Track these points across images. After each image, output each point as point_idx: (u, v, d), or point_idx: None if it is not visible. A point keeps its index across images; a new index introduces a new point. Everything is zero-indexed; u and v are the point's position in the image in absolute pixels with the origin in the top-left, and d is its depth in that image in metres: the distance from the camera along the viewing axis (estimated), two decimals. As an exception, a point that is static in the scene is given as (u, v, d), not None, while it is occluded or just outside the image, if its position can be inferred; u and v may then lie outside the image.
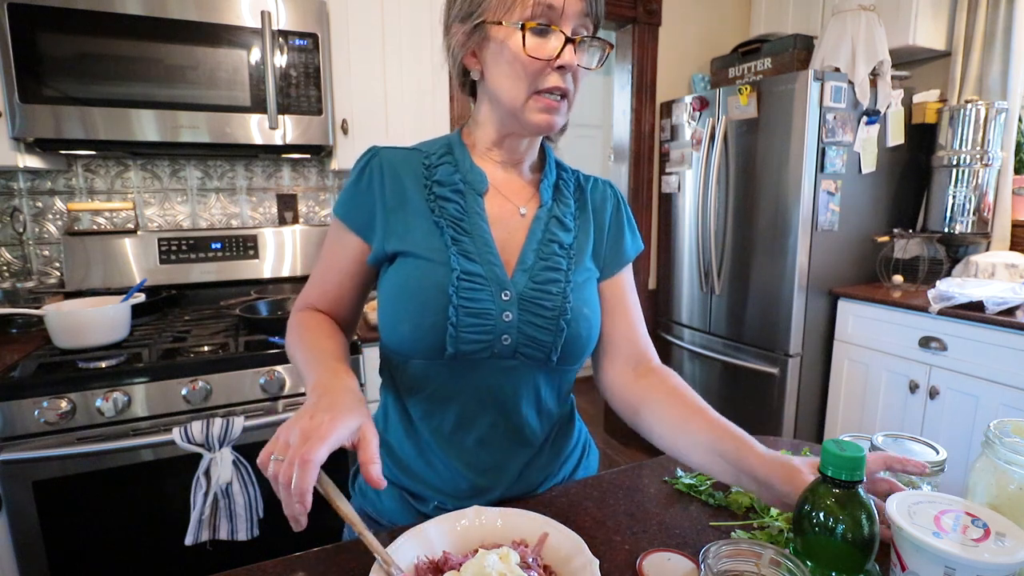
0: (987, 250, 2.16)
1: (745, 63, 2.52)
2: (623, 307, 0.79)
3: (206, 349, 1.41)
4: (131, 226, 1.87)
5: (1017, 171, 2.18)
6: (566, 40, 0.64)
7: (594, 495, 0.75)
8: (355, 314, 0.80)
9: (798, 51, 2.33)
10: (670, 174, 2.68)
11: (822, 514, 0.47)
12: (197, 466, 1.25)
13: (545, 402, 0.75)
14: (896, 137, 2.20)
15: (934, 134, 2.19)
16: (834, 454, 0.47)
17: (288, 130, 1.63)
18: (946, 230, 2.16)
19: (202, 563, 1.33)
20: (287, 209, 2.09)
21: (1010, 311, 1.69)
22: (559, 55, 0.64)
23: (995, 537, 0.46)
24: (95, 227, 1.85)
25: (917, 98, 2.25)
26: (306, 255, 2.00)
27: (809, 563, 0.47)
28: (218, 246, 1.88)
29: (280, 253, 1.97)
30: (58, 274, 1.81)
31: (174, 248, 1.84)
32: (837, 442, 0.48)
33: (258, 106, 1.58)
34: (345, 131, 1.78)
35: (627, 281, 0.81)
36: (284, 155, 1.99)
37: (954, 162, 2.11)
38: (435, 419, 0.72)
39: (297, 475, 0.47)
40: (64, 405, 1.21)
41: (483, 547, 0.57)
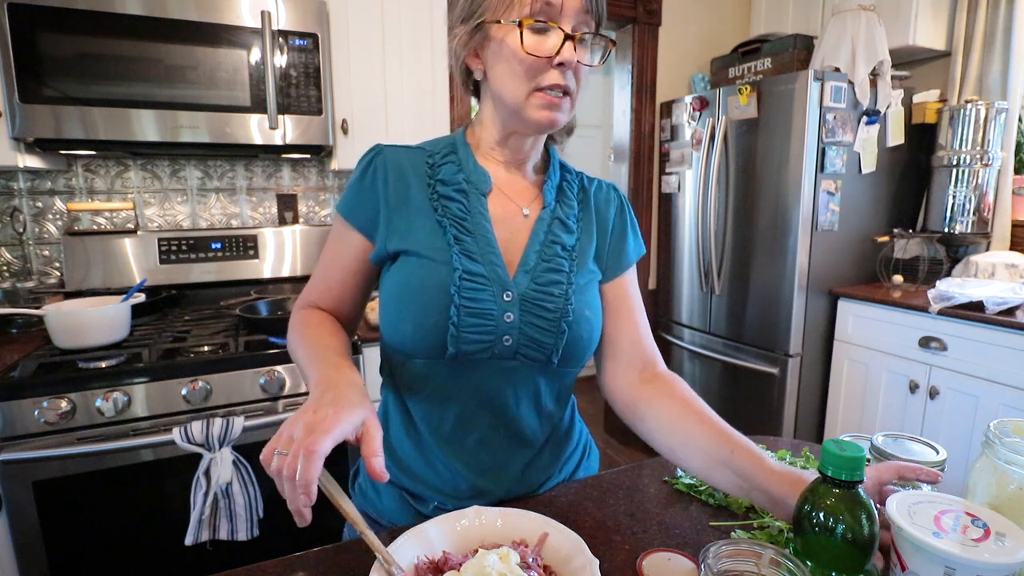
0: (987, 250, 2.16)
1: (745, 63, 2.52)
2: (627, 309, 0.78)
3: (206, 349, 1.41)
4: (131, 226, 1.87)
5: (1017, 171, 2.18)
6: (565, 37, 0.64)
7: (594, 495, 0.75)
8: (357, 312, 0.80)
9: (798, 51, 2.33)
10: (670, 174, 2.68)
11: (822, 514, 0.47)
12: (197, 466, 1.25)
13: (545, 403, 0.75)
14: (896, 137, 2.20)
15: (934, 134, 2.19)
16: (834, 454, 0.47)
17: (288, 130, 1.63)
18: (946, 230, 2.16)
19: (202, 563, 1.33)
20: (287, 209, 2.09)
21: (1010, 311, 1.69)
22: (559, 52, 0.64)
23: (995, 537, 0.46)
24: (95, 227, 1.85)
25: (917, 98, 2.25)
26: (306, 255, 2.00)
27: (809, 563, 0.47)
28: (218, 246, 1.88)
29: (280, 253, 1.97)
30: (58, 274, 1.81)
31: (174, 248, 1.84)
32: (837, 442, 0.48)
33: (258, 106, 1.58)
34: (345, 131, 1.78)
35: (631, 283, 0.80)
36: (284, 155, 1.99)
37: (954, 162, 2.11)
38: (435, 419, 0.72)
39: (302, 466, 0.46)
40: (64, 405, 1.21)
41: (483, 547, 0.57)
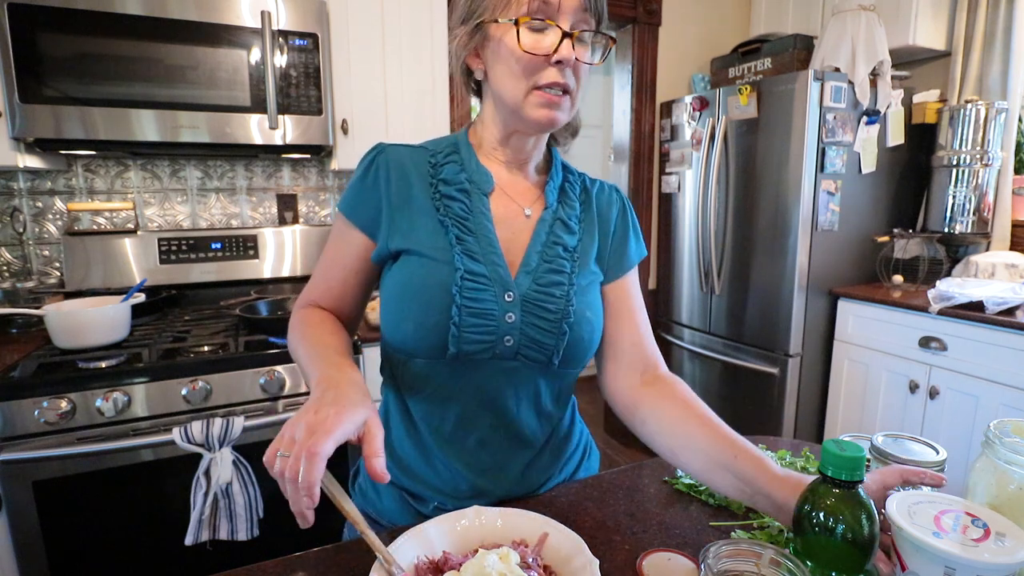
0: (987, 250, 2.16)
1: (745, 63, 2.52)
2: (628, 310, 0.78)
3: (206, 349, 1.41)
4: (131, 226, 1.87)
5: (1017, 171, 2.18)
6: (563, 35, 0.64)
7: (594, 495, 0.75)
8: (358, 311, 0.80)
9: (798, 51, 2.33)
10: (670, 174, 2.68)
11: (822, 514, 0.47)
12: (197, 466, 1.25)
13: (545, 404, 0.74)
14: (896, 137, 2.20)
15: (934, 134, 2.19)
16: (834, 454, 0.47)
17: (288, 130, 1.63)
18: (946, 230, 2.16)
19: (202, 563, 1.33)
20: (287, 209, 2.09)
21: (1010, 311, 1.69)
22: (556, 50, 0.64)
23: (995, 537, 0.46)
24: (95, 227, 1.85)
25: (917, 98, 2.25)
26: (306, 255, 2.00)
27: (809, 563, 0.47)
28: (218, 246, 1.88)
29: (280, 253, 1.97)
30: (58, 274, 1.81)
31: (174, 248, 1.84)
32: (837, 442, 0.48)
33: (258, 106, 1.58)
34: (345, 131, 1.78)
35: (632, 285, 0.80)
36: (284, 155, 1.99)
37: (954, 162, 2.11)
38: (436, 419, 0.71)
39: (304, 468, 0.46)
40: (64, 405, 1.21)
41: (483, 547, 0.57)
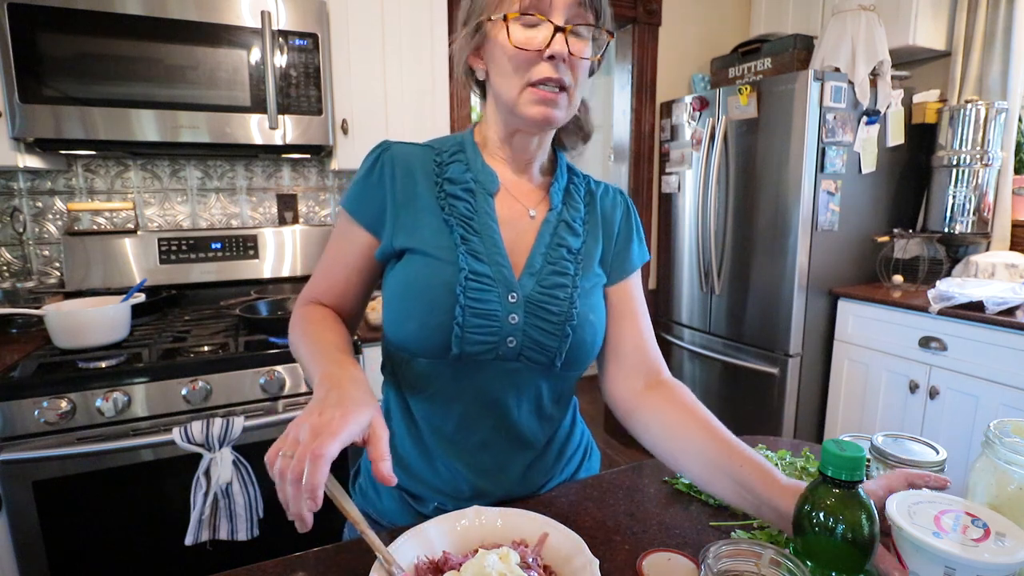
0: (987, 250, 2.16)
1: (745, 63, 2.52)
2: (631, 313, 0.78)
3: (206, 349, 1.41)
4: (131, 226, 1.87)
5: (1017, 171, 2.18)
6: (556, 29, 0.63)
7: (594, 495, 0.75)
8: (360, 309, 0.80)
9: (798, 51, 2.33)
10: (670, 174, 2.68)
11: (822, 514, 0.47)
12: (197, 466, 1.25)
13: (547, 406, 0.74)
14: (896, 137, 2.20)
15: (934, 134, 2.19)
16: (834, 454, 0.47)
17: (288, 130, 1.63)
18: (946, 230, 2.16)
19: (202, 563, 1.33)
20: (287, 209, 2.09)
21: (1010, 311, 1.69)
22: (549, 45, 0.63)
23: (995, 537, 0.46)
24: (95, 227, 1.85)
25: (917, 98, 2.25)
26: (306, 255, 2.00)
27: (809, 563, 0.47)
28: (218, 246, 1.88)
29: (280, 253, 1.97)
30: (58, 274, 1.81)
31: (174, 248, 1.84)
32: (837, 442, 0.48)
33: (258, 106, 1.58)
34: (345, 131, 1.78)
35: (635, 287, 0.79)
36: (284, 155, 1.99)
37: (954, 162, 2.11)
38: (437, 419, 0.71)
39: (309, 470, 0.46)
40: (64, 405, 1.21)
41: (483, 547, 0.57)
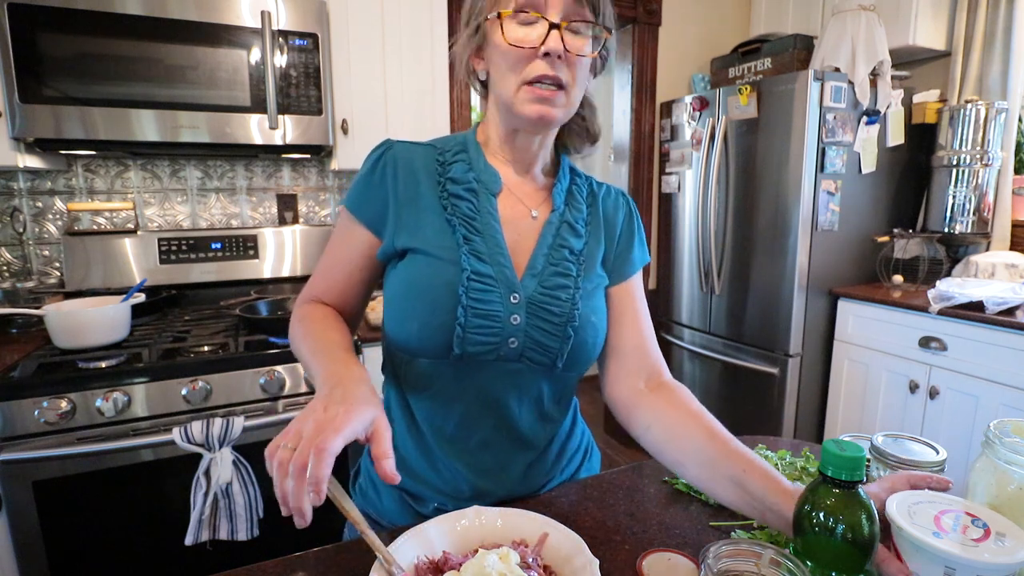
0: (987, 250, 2.16)
1: (745, 63, 2.52)
2: (632, 313, 0.77)
3: (206, 349, 1.41)
4: (131, 226, 1.87)
5: (1017, 171, 2.18)
6: (550, 26, 0.63)
7: (594, 495, 0.75)
8: (361, 308, 0.80)
9: (798, 51, 2.33)
10: (670, 174, 2.68)
11: (822, 514, 0.47)
12: (197, 466, 1.25)
13: (547, 406, 0.74)
14: (896, 137, 2.20)
15: (934, 134, 2.19)
16: (834, 454, 0.47)
17: (288, 130, 1.63)
18: (946, 230, 2.16)
19: (202, 563, 1.33)
20: (287, 209, 2.09)
21: (1010, 311, 1.69)
22: (544, 42, 0.63)
23: (995, 537, 0.46)
24: (95, 227, 1.85)
25: (917, 98, 2.25)
26: (306, 255, 2.00)
27: (809, 563, 0.47)
28: (218, 246, 1.88)
29: (280, 253, 1.97)
30: (58, 274, 1.81)
31: (174, 248, 1.84)
32: (837, 442, 0.48)
33: (258, 106, 1.58)
34: (345, 131, 1.78)
35: (636, 289, 0.79)
36: (284, 155, 1.99)
37: (954, 162, 2.11)
38: (438, 419, 0.71)
39: (313, 464, 0.45)
40: (64, 405, 1.21)
41: (483, 547, 0.57)
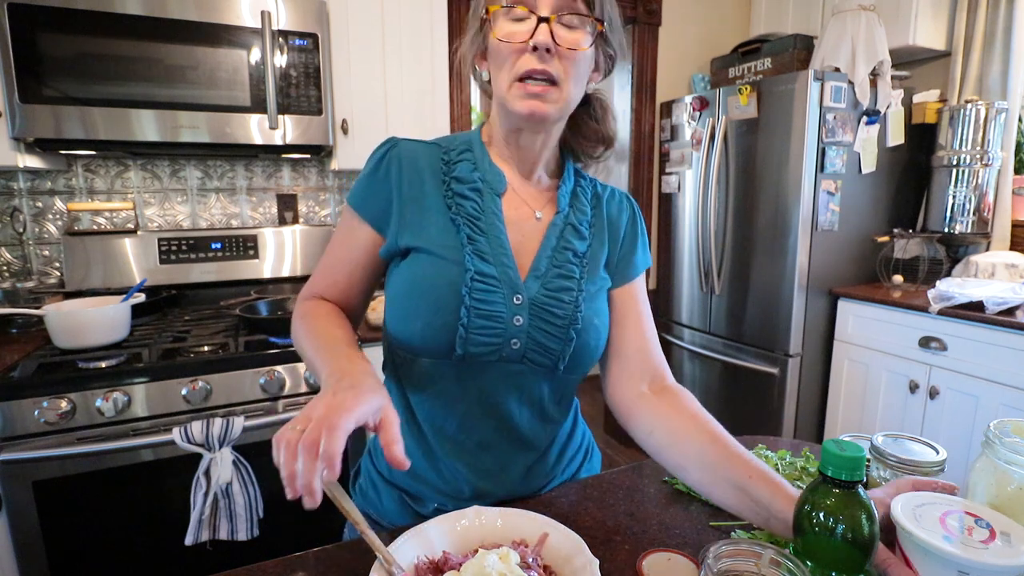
0: (987, 250, 2.16)
1: (745, 63, 2.52)
2: (634, 315, 0.77)
3: (206, 349, 1.41)
4: (131, 226, 1.87)
5: (1017, 171, 2.18)
6: (539, 20, 0.63)
7: (594, 495, 0.75)
8: (363, 306, 0.80)
9: (798, 51, 2.33)
10: (670, 174, 2.68)
11: (822, 514, 0.47)
12: (197, 466, 1.25)
13: (548, 408, 0.74)
14: (896, 137, 2.20)
15: (934, 134, 2.19)
16: (834, 454, 0.46)
17: (288, 130, 1.63)
18: (946, 230, 2.16)
19: (202, 563, 1.33)
20: (287, 209, 2.09)
21: (1010, 311, 1.69)
22: (532, 36, 0.63)
23: (1001, 537, 0.46)
24: (95, 227, 1.85)
25: (917, 98, 2.25)
26: (306, 255, 2.00)
27: (809, 563, 0.47)
28: (218, 246, 1.88)
29: (280, 253, 1.97)
30: (58, 274, 1.81)
31: (174, 248, 1.84)
32: (837, 442, 0.48)
33: (258, 106, 1.58)
34: (345, 131, 1.78)
35: (639, 291, 0.79)
36: (284, 155, 1.99)
37: (954, 162, 2.11)
38: (439, 419, 0.71)
39: (326, 440, 0.46)
40: (64, 405, 1.21)
41: (483, 547, 0.57)
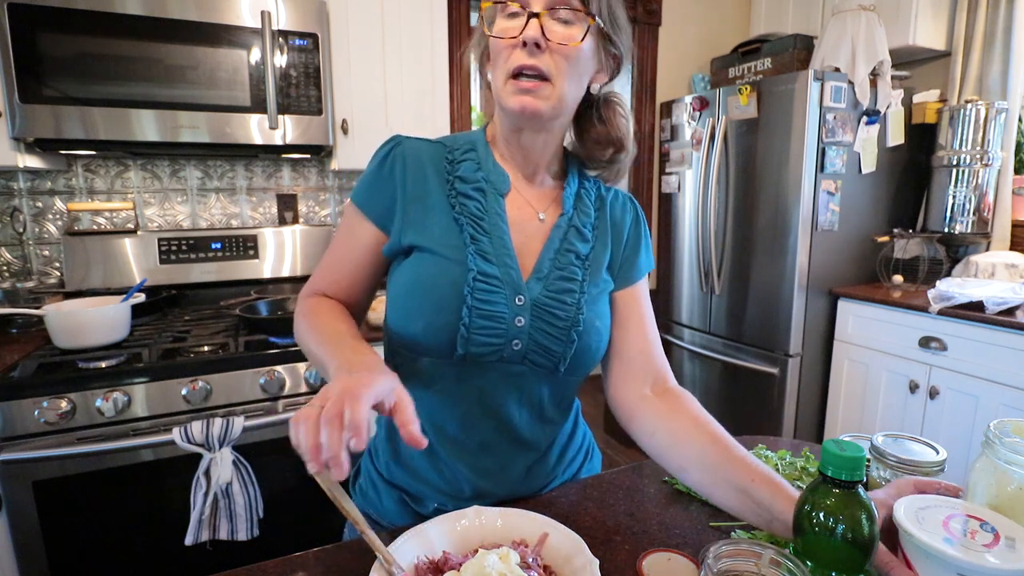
0: (987, 250, 2.16)
1: (745, 63, 2.52)
2: (637, 317, 0.77)
3: (206, 349, 1.41)
4: (131, 226, 1.87)
5: (1017, 171, 2.18)
6: (529, 15, 0.63)
7: (594, 495, 0.75)
8: (365, 304, 0.79)
9: (798, 51, 2.33)
10: (670, 174, 2.68)
11: (822, 514, 0.47)
12: (197, 466, 1.25)
13: (548, 409, 0.74)
14: (896, 137, 2.20)
15: (934, 134, 2.19)
16: (834, 454, 0.46)
17: (288, 130, 1.63)
18: (946, 230, 2.16)
19: (202, 563, 1.33)
20: (287, 209, 2.09)
21: (1010, 311, 1.69)
22: (522, 31, 0.63)
23: (1005, 542, 0.46)
24: (95, 227, 1.85)
25: (917, 98, 2.25)
26: (306, 255, 2.00)
27: (809, 563, 0.47)
28: (218, 246, 1.88)
29: (280, 253, 1.97)
30: (58, 274, 1.81)
31: (174, 248, 1.84)
32: (837, 442, 0.48)
33: (258, 106, 1.58)
34: (345, 131, 1.78)
35: (642, 293, 0.79)
36: (284, 155, 1.99)
37: (954, 162, 2.11)
38: (439, 419, 0.71)
39: (350, 409, 0.46)
40: (64, 405, 1.21)
41: (483, 547, 0.57)
